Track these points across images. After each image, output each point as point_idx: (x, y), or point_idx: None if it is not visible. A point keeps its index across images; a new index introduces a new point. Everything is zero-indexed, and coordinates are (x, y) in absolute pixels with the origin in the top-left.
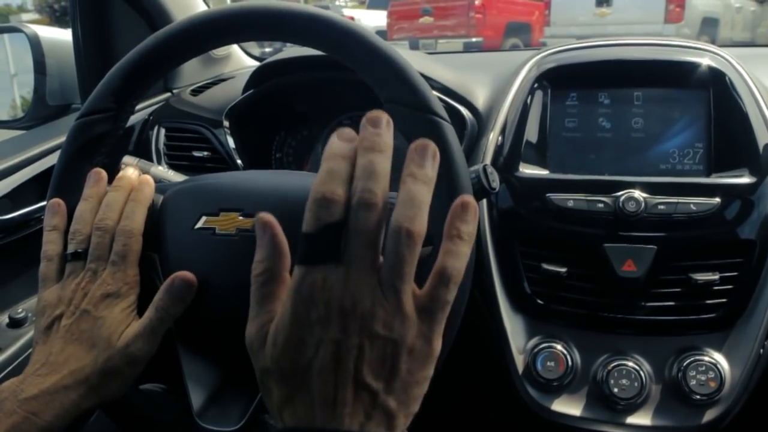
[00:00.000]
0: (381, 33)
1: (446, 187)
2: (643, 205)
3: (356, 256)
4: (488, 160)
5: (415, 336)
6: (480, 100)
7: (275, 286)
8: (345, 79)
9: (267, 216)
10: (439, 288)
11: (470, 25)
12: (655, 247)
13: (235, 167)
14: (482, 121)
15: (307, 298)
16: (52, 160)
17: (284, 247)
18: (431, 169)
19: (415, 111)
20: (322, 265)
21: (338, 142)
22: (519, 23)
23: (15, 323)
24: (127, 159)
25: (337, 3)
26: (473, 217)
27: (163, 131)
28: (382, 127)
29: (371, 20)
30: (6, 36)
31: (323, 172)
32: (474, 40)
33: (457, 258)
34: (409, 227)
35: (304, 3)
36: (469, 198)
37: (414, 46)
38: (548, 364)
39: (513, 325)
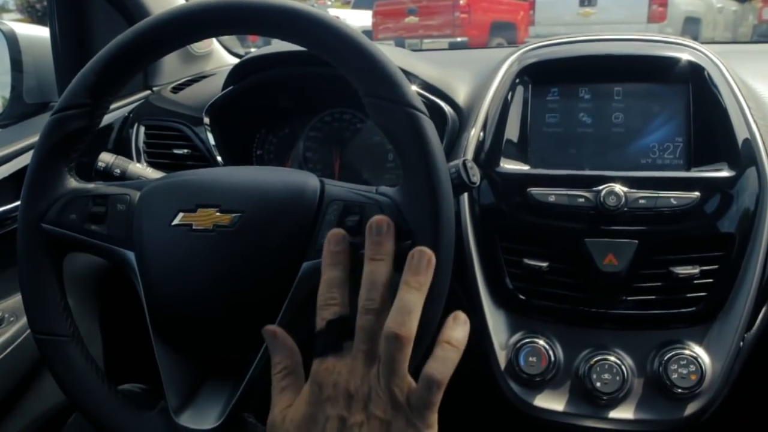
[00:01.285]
0: (366, 33)
1: (424, 180)
2: (623, 199)
3: (358, 349)
4: (469, 155)
5: (406, 424)
6: (461, 95)
7: (292, 380)
8: (326, 75)
9: (272, 327)
10: (427, 391)
11: (455, 25)
12: (636, 241)
13: (216, 165)
14: (463, 116)
15: (321, 381)
16: (28, 158)
17: (294, 347)
18: (425, 275)
19: (393, 104)
20: (332, 355)
21: (330, 252)
22: (504, 23)
23: None
24: (104, 156)
25: (321, 2)
26: (463, 326)
27: (142, 129)
28: (383, 234)
29: (356, 20)
30: None
31: (324, 281)
32: (459, 39)
33: (445, 364)
34: (398, 332)
35: None
36: (460, 313)
37: (399, 46)
38: (530, 359)
39: (495, 320)
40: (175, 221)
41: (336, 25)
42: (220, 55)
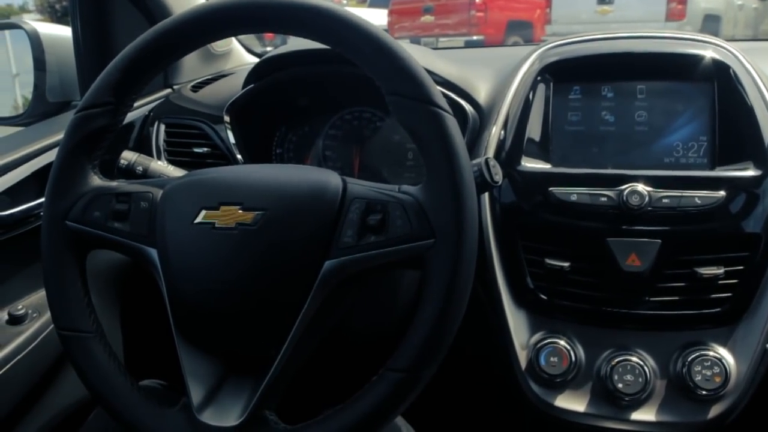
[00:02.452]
0: None
1: (448, 179)
2: (647, 198)
3: None
4: (490, 154)
5: None
6: (482, 94)
7: None
8: (346, 73)
9: None
10: None
11: (471, 24)
12: (660, 241)
13: (236, 163)
14: (484, 115)
15: None
16: (52, 156)
17: None
18: None
19: (417, 102)
20: None
21: None
22: (520, 21)
23: (15, 320)
24: (126, 154)
25: (337, 1)
26: None
27: (163, 127)
28: None
29: (372, 19)
30: (7, 34)
31: None
32: (475, 38)
33: None
34: None
35: None
36: None
37: (415, 43)
38: (551, 359)
39: (516, 320)
40: (198, 219)
41: (359, 23)
42: (239, 54)
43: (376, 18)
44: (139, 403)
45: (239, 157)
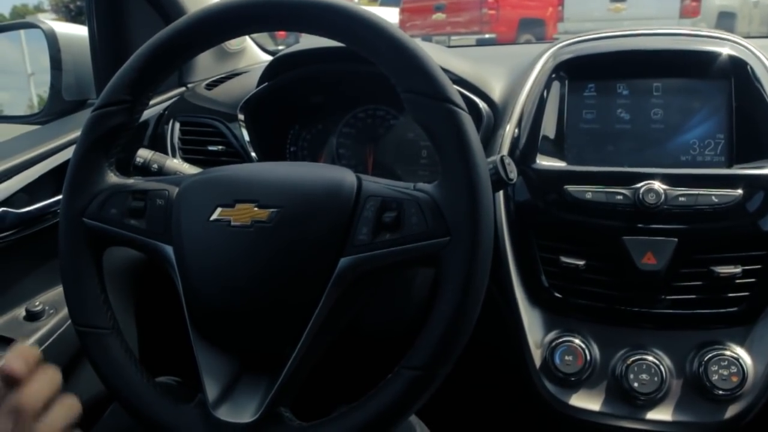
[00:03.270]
0: None
1: (464, 177)
2: (663, 197)
3: None
4: (505, 152)
5: None
6: (496, 92)
7: None
8: (359, 71)
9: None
10: None
11: (483, 22)
12: (676, 239)
13: (250, 161)
14: (498, 113)
15: None
16: (68, 154)
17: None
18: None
19: (432, 100)
20: None
21: None
22: (532, 19)
23: (32, 316)
24: (142, 152)
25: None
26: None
27: (177, 125)
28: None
29: (384, 17)
30: (22, 33)
31: None
32: (487, 36)
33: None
34: None
35: None
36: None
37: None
38: (566, 358)
39: (530, 318)
40: (214, 216)
41: (375, 20)
42: (252, 53)
43: (388, 17)
44: (155, 399)
45: (253, 155)
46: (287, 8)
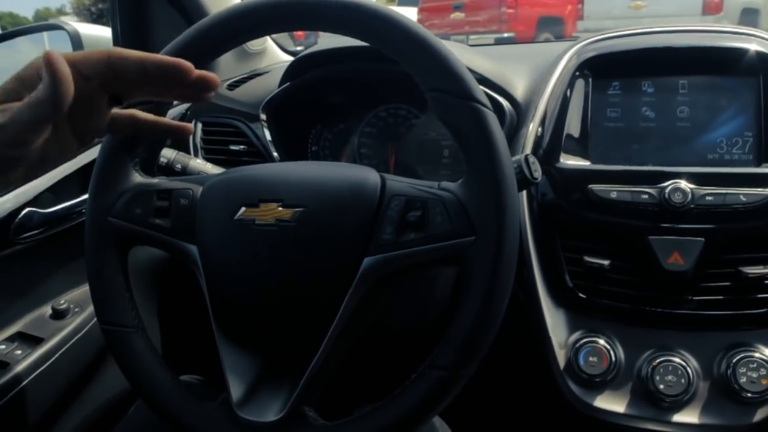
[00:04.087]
0: None
1: (489, 176)
2: (690, 196)
3: None
4: (528, 151)
5: None
6: (519, 90)
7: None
8: (381, 70)
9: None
10: None
11: (502, 20)
12: (703, 239)
13: (272, 160)
14: (521, 111)
15: None
16: (93, 153)
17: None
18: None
19: (457, 99)
20: None
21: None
22: (551, 17)
23: (58, 314)
24: (166, 151)
25: None
26: None
27: (200, 125)
28: None
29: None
30: (45, 34)
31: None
32: (506, 35)
33: None
34: None
35: None
36: None
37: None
38: (591, 359)
39: (554, 319)
40: (238, 216)
41: (399, 19)
42: (273, 53)
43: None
44: (180, 398)
45: (275, 154)
46: (310, 8)
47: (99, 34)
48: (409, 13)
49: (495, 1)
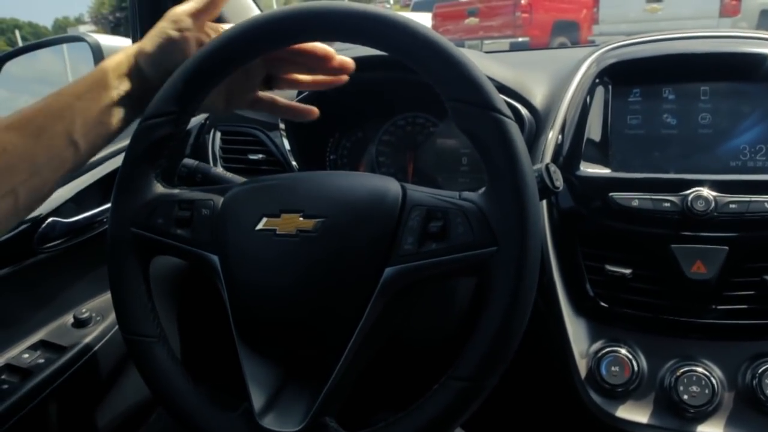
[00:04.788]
0: None
1: (511, 186)
2: (713, 204)
3: None
4: (548, 158)
5: None
6: (538, 98)
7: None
8: (399, 79)
9: None
10: None
11: (516, 25)
12: (727, 247)
13: (290, 169)
14: (540, 119)
15: None
16: (115, 163)
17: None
18: None
19: (479, 109)
20: None
21: None
22: (566, 22)
23: (80, 323)
24: (186, 161)
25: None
26: None
27: (219, 134)
28: None
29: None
30: (65, 46)
31: None
32: (520, 39)
33: None
34: None
35: None
36: None
37: (460, 47)
38: (613, 369)
39: (575, 328)
40: (259, 226)
41: (419, 30)
42: None
43: (420, 21)
44: (202, 407)
45: (294, 163)
46: (332, 19)
47: (119, 45)
48: (424, 18)
49: (509, 6)
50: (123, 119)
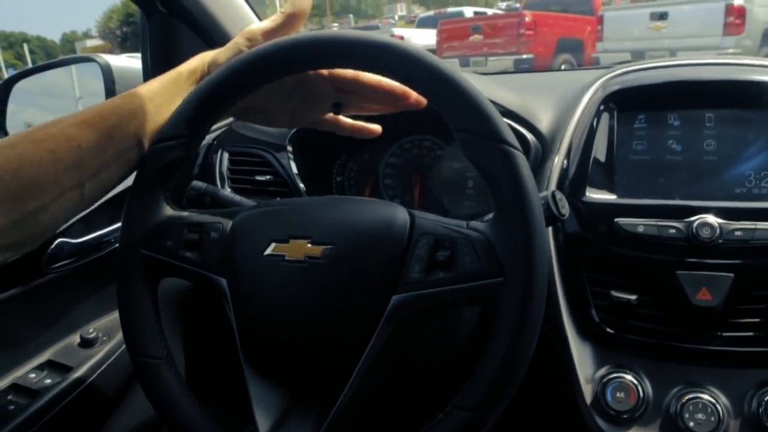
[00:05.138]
0: (430, 51)
1: (519, 218)
2: (718, 231)
3: None
4: (553, 184)
5: None
6: (544, 123)
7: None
8: None
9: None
10: None
11: (521, 42)
12: (732, 275)
13: (297, 191)
14: (546, 144)
15: None
16: (123, 184)
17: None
18: None
19: (487, 140)
20: None
21: None
22: (570, 39)
23: (86, 343)
24: (195, 184)
25: (385, 22)
26: None
27: (226, 155)
28: None
29: (421, 39)
30: (74, 66)
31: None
32: (525, 56)
33: None
34: None
35: (354, 22)
36: None
37: (464, 64)
38: (618, 395)
39: (580, 353)
40: (268, 251)
41: (428, 60)
42: None
43: (425, 37)
44: (207, 429)
45: (301, 185)
46: (342, 47)
47: (128, 65)
48: (428, 35)
49: (514, 23)
50: None
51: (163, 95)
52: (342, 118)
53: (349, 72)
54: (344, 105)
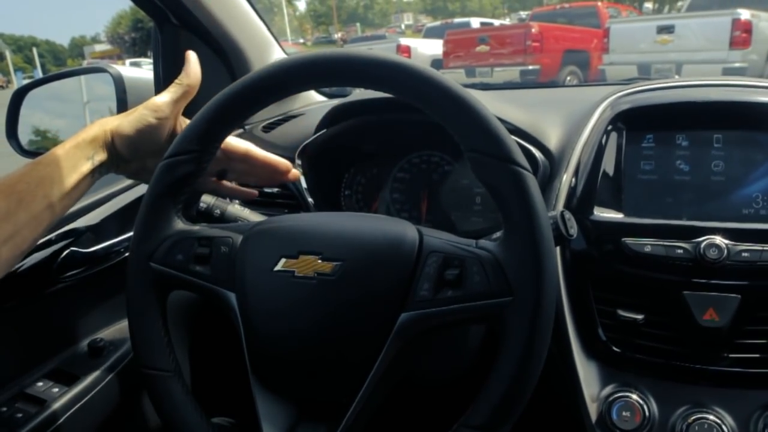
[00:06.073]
0: (437, 62)
1: (528, 238)
2: (725, 252)
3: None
4: (561, 202)
5: None
6: (552, 141)
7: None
8: (413, 120)
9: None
10: None
11: (527, 53)
12: (739, 296)
13: (306, 204)
14: (555, 162)
15: None
16: (132, 195)
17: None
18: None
19: (497, 161)
20: None
21: None
22: (577, 51)
23: (94, 352)
24: (205, 197)
25: (392, 31)
26: None
27: None
28: None
29: (427, 49)
30: (82, 78)
31: None
32: (531, 67)
33: None
34: None
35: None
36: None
37: (470, 75)
38: (624, 414)
39: (586, 372)
40: (278, 267)
41: (440, 81)
42: (308, 94)
43: (431, 47)
44: None
45: (309, 198)
46: (354, 66)
47: (140, 76)
48: (435, 45)
49: (520, 34)
50: (94, 182)
51: (68, 161)
52: (224, 182)
53: (241, 146)
54: (229, 173)
